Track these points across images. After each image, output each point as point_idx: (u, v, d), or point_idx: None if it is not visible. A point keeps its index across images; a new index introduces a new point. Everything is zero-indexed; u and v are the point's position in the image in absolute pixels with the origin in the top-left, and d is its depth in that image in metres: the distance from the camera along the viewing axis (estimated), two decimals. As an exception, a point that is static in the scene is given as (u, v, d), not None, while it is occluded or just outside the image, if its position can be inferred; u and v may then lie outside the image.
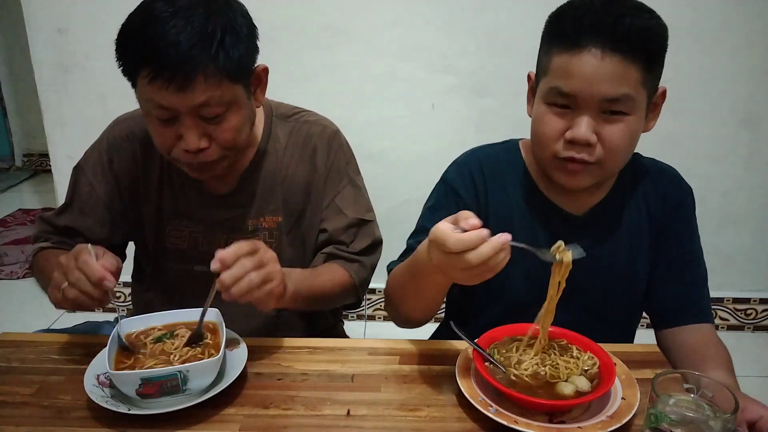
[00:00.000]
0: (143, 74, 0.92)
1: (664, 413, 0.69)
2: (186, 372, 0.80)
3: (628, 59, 0.88)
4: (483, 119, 2.08)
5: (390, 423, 0.82)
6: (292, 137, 1.17)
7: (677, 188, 1.09)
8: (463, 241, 0.76)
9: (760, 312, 2.37)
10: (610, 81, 0.88)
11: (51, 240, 1.16)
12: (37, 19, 2.07)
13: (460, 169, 1.09)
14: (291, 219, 1.17)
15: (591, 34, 0.88)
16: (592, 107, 0.90)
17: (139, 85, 0.95)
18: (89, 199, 1.16)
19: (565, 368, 0.85)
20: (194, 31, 0.90)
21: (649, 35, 0.91)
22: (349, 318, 2.39)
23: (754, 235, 2.27)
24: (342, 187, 1.18)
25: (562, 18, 0.95)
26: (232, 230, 1.15)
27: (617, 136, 0.92)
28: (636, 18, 0.89)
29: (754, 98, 2.10)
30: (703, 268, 1.09)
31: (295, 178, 1.16)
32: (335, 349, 0.99)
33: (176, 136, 0.97)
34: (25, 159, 4.37)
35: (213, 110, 0.96)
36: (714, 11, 1.99)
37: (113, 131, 1.18)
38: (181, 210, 1.16)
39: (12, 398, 0.86)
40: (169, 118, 0.96)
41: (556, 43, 0.93)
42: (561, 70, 0.91)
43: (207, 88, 0.93)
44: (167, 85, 0.91)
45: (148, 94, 0.94)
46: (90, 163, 1.17)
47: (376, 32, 2.06)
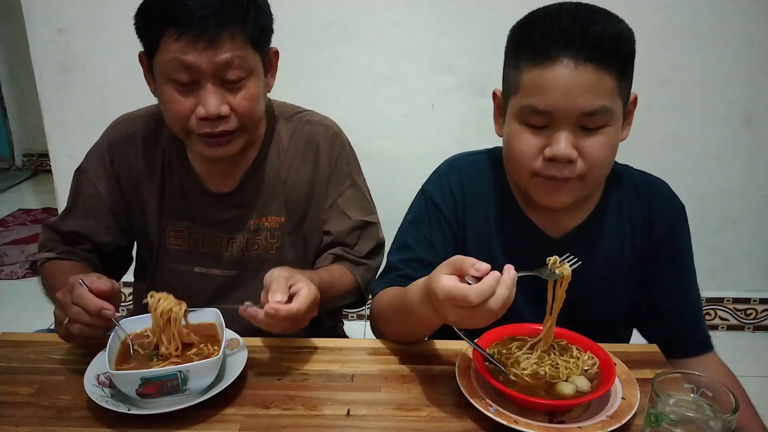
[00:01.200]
0: (169, 33, 0.93)
1: (664, 413, 0.69)
2: (186, 372, 0.80)
3: (603, 68, 0.85)
4: (483, 119, 2.05)
5: (390, 423, 0.82)
6: (294, 137, 1.16)
7: (667, 208, 1.04)
8: (485, 292, 0.74)
9: (760, 312, 2.37)
10: (587, 93, 0.85)
11: (56, 250, 1.15)
12: (37, 19, 2.06)
13: (441, 181, 1.07)
14: (293, 219, 1.17)
15: (562, 44, 0.85)
16: (570, 122, 0.87)
17: (162, 48, 0.95)
18: (93, 201, 1.16)
19: (565, 368, 0.85)
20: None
21: (621, 40, 0.88)
22: (349, 318, 2.40)
23: (754, 235, 2.27)
24: (345, 188, 1.18)
25: (529, 30, 0.91)
26: (234, 230, 1.15)
27: (598, 149, 0.88)
28: (606, 24, 0.87)
29: (754, 98, 2.10)
30: (697, 289, 1.05)
31: (298, 178, 1.16)
32: (335, 349, 0.99)
33: (194, 104, 0.98)
34: (25, 159, 4.37)
35: (236, 73, 0.97)
36: (714, 11, 1.98)
37: (114, 132, 1.17)
38: (182, 210, 1.15)
39: (12, 398, 0.86)
40: (190, 82, 0.96)
41: (526, 57, 0.89)
42: (534, 86, 0.88)
43: (233, 47, 0.95)
44: (194, 41, 0.93)
45: (172, 54, 0.95)
46: (92, 165, 1.17)
47: (376, 32, 2.06)
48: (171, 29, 0.93)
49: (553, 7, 0.91)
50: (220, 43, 0.94)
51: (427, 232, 1.05)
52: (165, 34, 0.94)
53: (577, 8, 0.89)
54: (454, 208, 1.04)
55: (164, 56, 0.96)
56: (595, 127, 0.87)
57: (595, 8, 0.90)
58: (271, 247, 1.16)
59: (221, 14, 0.93)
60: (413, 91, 2.11)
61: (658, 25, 1.96)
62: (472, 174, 1.05)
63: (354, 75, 2.10)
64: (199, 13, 0.92)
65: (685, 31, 1.99)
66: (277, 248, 1.16)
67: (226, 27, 0.94)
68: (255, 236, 1.15)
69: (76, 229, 1.16)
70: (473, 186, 1.05)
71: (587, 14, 0.88)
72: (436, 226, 1.04)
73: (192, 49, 0.93)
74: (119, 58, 2.00)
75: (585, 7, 0.89)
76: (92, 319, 0.86)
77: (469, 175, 1.05)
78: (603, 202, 1.02)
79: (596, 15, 0.88)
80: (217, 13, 0.93)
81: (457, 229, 1.05)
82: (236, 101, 0.99)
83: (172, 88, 0.98)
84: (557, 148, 0.87)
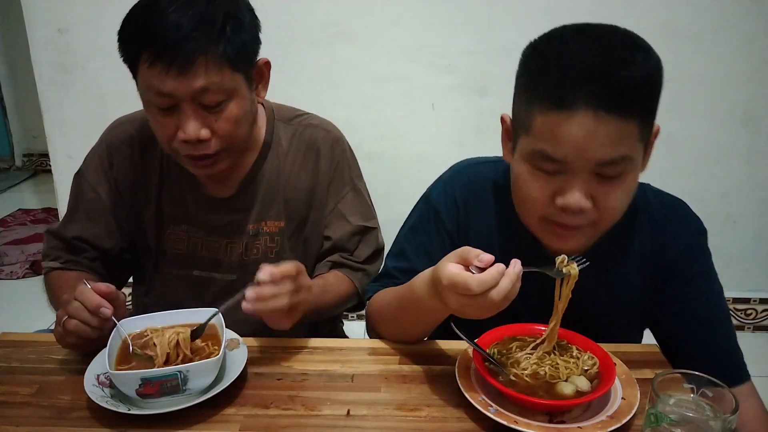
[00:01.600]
0: (144, 59, 0.92)
1: (664, 413, 0.69)
2: (186, 372, 0.80)
3: (626, 117, 0.77)
4: (483, 119, 2.08)
5: (390, 423, 0.82)
6: (294, 141, 1.16)
7: (680, 232, 0.97)
8: (487, 282, 0.74)
9: (760, 312, 2.37)
10: (606, 145, 0.78)
11: (61, 259, 1.15)
12: (37, 19, 2.06)
13: (446, 191, 1.03)
14: (293, 224, 1.16)
15: (581, 93, 0.76)
16: (586, 170, 0.80)
17: (140, 72, 0.94)
18: (94, 205, 1.15)
19: (565, 368, 0.85)
20: (195, 15, 0.91)
21: (648, 84, 0.79)
22: (349, 318, 2.39)
23: (754, 235, 2.27)
24: (345, 193, 1.17)
25: (543, 69, 0.81)
26: (233, 235, 1.14)
27: (614, 197, 0.83)
28: (632, 66, 0.76)
29: (754, 98, 2.09)
30: (724, 316, 0.97)
31: (298, 182, 1.15)
32: (335, 349, 0.99)
33: (176, 126, 0.97)
34: (25, 159, 4.37)
35: (213, 97, 0.95)
36: (714, 11, 1.98)
37: (111, 135, 1.17)
38: (180, 214, 1.15)
39: (12, 398, 0.86)
40: (169, 106, 0.95)
41: (539, 99, 0.80)
42: (547, 132, 0.80)
43: (208, 72, 0.92)
44: (167, 69, 0.91)
45: (148, 81, 0.93)
46: (91, 169, 1.16)
47: (376, 32, 2.06)
48: (145, 54, 0.92)
49: (570, 35, 0.81)
50: (194, 70, 0.91)
51: (426, 241, 1.03)
52: (140, 59, 0.93)
53: (598, 41, 0.79)
54: (456, 219, 1.02)
55: (142, 81, 0.96)
56: (613, 175, 0.81)
57: (618, 39, 0.79)
58: (271, 251, 1.16)
59: (194, 39, 0.90)
60: (413, 91, 2.11)
61: (658, 25, 1.96)
62: (477, 184, 1.01)
63: (354, 75, 2.10)
64: (171, 38, 0.90)
65: (686, 31, 1.99)
66: (276, 253, 1.16)
67: (199, 52, 0.91)
68: (254, 240, 1.15)
69: (79, 235, 1.15)
70: (478, 197, 1.01)
71: (610, 51, 0.77)
72: (436, 236, 1.03)
73: (166, 77, 0.91)
74: (119, 58, 1.99)
75: (607, 40, 0.79)
76: (90, 316, 0.86)
77: (474, 184, 1.02)
78: (614, 228, 0.93)
79: (621, 51, 0.78)
80: (189, 38, 0.90)
81: (457, 239, 1.02)
82: (217, 124, 0.97)
83: (155, 109, 0.97)
84: (570, 199, 0.81)
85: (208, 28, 0.92)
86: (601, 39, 0.80)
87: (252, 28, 1.00)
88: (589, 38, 0.80)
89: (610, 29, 0.81)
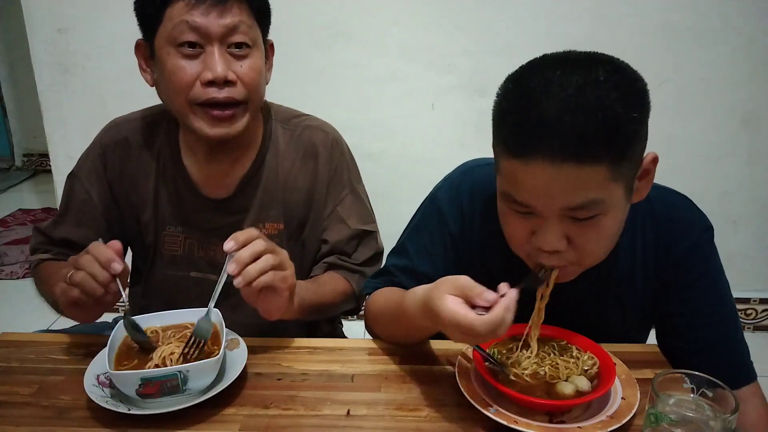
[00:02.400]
0: (182, 2, 0.95)
1: (664, 413, 0.69)
2: (186, 372, 0.80)
3: (588, 164, 0.72)
4: (483, 119, 2.04)
5: (390, 423, 0.82)
6: (293, 143, 1.15)
7: (683, 231, 0.94)
8: (494, 324, 0.73)
9: (760, 312, 2.38)
10: (569, 191, 0.74)
11: (51, 252, 1.15)
12: (37, 19, 2.07)
13: (452, 193, 1.02)
14: (292, 226, 1.16)
15: (536, 142, 0.72)
16: (554, 214, 0.77)
17: (168, 16, 0.97)
18: (85, 207, 1.14)
19: (565, 368, 0.85)
20: None
21: (614, 131, 0.72)
22: (348, 318, 2.39)
23: (754, 235, 2.27)
24: (344, 196, 1.16)
25: (506, 109, 0.78)
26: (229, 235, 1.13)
27: (591, 240, 0.79)
28: (594, 112, 0.70)
29: (754, 98, 2.10)
30: (731, 315, 0.95)
31: (297, 184, 1.14)
32: (335, 349, 0.99)
33: (199, 71, 0.98)
34: (25, 159, 4.38)
35: (242, 37, 0.99)
36: (714, 11, 1.98)
37: (106, 136, 1.16)
38: (177, 215, 1.14)
39: (12, 398, 0.86)
40: (196, 46, 0.97)
41: (501, 142, 0.78)
42: (510, 177, 0.78)
43: (240, 12, 0.98)
44: (208, 8, 0.95)
45: (180, 18, 0.96)
46: (84, 170, 1.15)
47: (376, 32, 2.06)
48: (181, 1, 0.95)
49: (539, 75, 0.75)
50: (228, 7, 0.97)
51: (428, 242, 1.02)
52: (173, 4, 0.96)
53: (566, 82, 0.72)
54: (461, 223, 1.00)
55: (171, 22, 0.97)
56: (585, 217, 0.77)
57: (591, 79, 0.72)
58: None
59: None
60: (413, 91, 2.11)
61: (658, 25, 1.97)
62: (485, 187, 0.98)
63: (354, 75, 2.10)
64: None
65: (686, 31, 1.99)
66: None
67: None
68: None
69: (67, 237, 1.15)
70: (484, 200, 0.99)
71: (574, 95, 0.71)
72: (438, 238, 1.02)
73: (201, 11, 0.96)
74: (119, 58, 1.98)
75: (577, 80, 0.72)
76: (100, 270, 0.84)
77: (481, 187, 0.99)
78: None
79: (587, 94, 0.71)
80: None
81: (460, 243, 1.01)
82: (242, 70, 1.00)
83: (177, 55, 0.98)
84: (543, 241, 0.79)
85: None
86: (570, 79, 0.72)
87: (268, 2, 1.06)
88: (555, 79, 0.73)
89: (588, 65, 0.74)
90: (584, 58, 0.77)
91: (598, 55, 0.78)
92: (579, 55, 0.78)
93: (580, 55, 0.78)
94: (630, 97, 0.74)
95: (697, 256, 0.94)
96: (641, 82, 0.77)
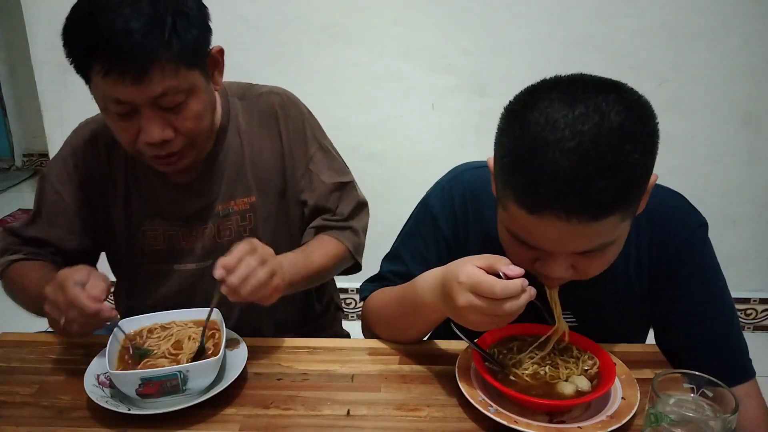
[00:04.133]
0: (96, 69, 0.89)
1: (664, 413, 0.69)
2: (186, 372, 0.80)
3: (604, 217, 0.71)
4: (483, 119, 2.08)
5: (390, 423, 0.82)
6: (250, 114, 1.14)
7: (677, 228, 0.93)
8: (511, 290, 0.74)
9: (760, 312, 2.37)
10: (582, 239, 0.74)
11: (22, 252, 1.13)
12: (37, 19, 2.07)
13: (444, 197, 1.01)
14: (269, 197, 1.14)
15: (552, 204, 0.70)
16: (563, 254, 0.78)
17: (93, 80, 0.92)
18: (56, 207, 1.13)
19: (565, 368, 0.85)
20: (144, 18, 0.87)
21: (630, 182, 0.71)
22: (349, 318, 2.40)
23: (754, 235, 2.27)
24: (313, 152, 1.15)
25: (516, 163, 0.73)
26: (204, 220, 1.12)
27: (596, 266, 0.80)
28: (612, 173, 0.69)
29: (754, 98, 2.09)
30: (729, 312, 0.94)
31: (263, 155, 1.13)
32: (335, 349, 0.99)
33: (137, 129, 0.95)
34: (25, 159, 4.38)
35: (172, 99, 0.93)
36: (714, 11, 1.98)
37: (75, 138, 1.15)
38: (151, 208, 1.13)
39: (12, 398, 0.86)
40: (128, 111, 0.93)
41: (512, 190, 0.74)
42: (520, 223, 0.76)
43: (164, 77, 0.90)
44: (122, 78, 0.88)
45: (103, 90, 0.91)
46: (54, 172, 1.14)
47: (376, 32, 2.06)
48: (98, 64, 0.88)
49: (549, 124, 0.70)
50: (150, 77, 0.89)
51: (421, 246, 1.03)
52: (94, 68, 0.89)
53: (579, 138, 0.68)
54: (454, 227, 1.00)
55: (97, 89, 0.93)
56: (594, 253, 0.77)
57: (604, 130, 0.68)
58: (244, 229, 1.13)
59: (146, 45, 0.87)
60: (413, 91, 2.11)
61: (658, 25, 1.96)
62: (477, 189, 0.98)
63: (354, 75, 2.10)
64: (124, 47, 0.86)
65: (686, 31, 1.99)
66: (249, 230, 1.14)
67: (153, 59, 0.88)
68: (225, 221, 1.12)
69: (37, 236, 1.13)
70: (477, 203, 0.99)
71: (589, 155, 0.68)
72: (432, 242, 1.02)
73: (121, 85, 0.89)
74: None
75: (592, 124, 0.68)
76: (91, 320, 0.85)
77: (473, 190, 0.99)
78: None
79: (602, 152, 0.68)
80: (142, 45, 0.87)
81: (455, 247, 1.01)
82: (179, 122, 0.95)
83: (114, 116, 0.95)
84: (548, 271, 0.79)
85: (159, 31, 0.88)
86: (582, 129, 0.68)
87: (200, 18, 0.95)
88: (566, 125, 0.69)
89: (599, 106, 0.70)
90: (592, 93, 0.71)
91: (606, 90, 0.72)
92: (586, 89, 0.72)
93: (587, 89, 0.72)
94: (643, 144, 0.72)
95: (691, 252, 0.93)
96: (652, 120, 0.74)
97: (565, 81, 0.76)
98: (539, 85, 0.77)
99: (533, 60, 2.00)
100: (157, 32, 0.88)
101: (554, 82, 0.76)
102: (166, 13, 0.89)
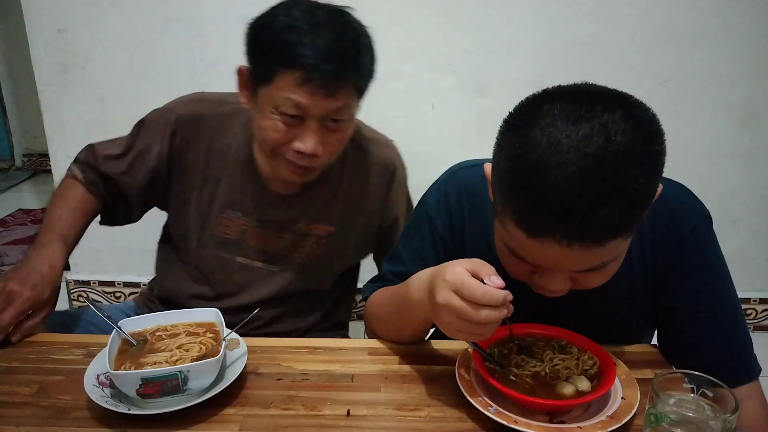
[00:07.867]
0: (293, 75, 0.96)
1: (664, 413, 0.69)
2: (186, 372, 0.80)
3: (606, 241, 0.70)
4: (483, 119, 2.08)
5: (390, 423, 0.82)
6: (357, 153, 1.20)
7: (679, 220, 0.91)
8: (492, 296, 0.73)
9: (760, 312, 2.37)
10: (583, 262, 0.73)
11: (87, 175, 1.19)
12: (37, 19, 2.06)
13: (439, 195, 1.01)
14: (343, 230, 1.21)
15: (551, 226, 0.69)
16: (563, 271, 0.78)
17: (278, 83, 0.98)
18: (141, 156, 1.18)
19: (565, 368, 0.85)
20: (343, 41, 0.98)
21: (634, 206, 0.69)
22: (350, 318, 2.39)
23: (754, 235, 2.27)
24: (401, 221, 1.26)
25: (516, 184, 0.70)
26: (283, 230, 1.18)
27: (598, 281, 0.80)
28: (617, 199, 0.67)
29: (754, 98, 2.10)
30: (733, 309, 0.91)
31: (353, 195, 1.20)
32: (335, 349, 0.99)
33: (293, 135, 1.01)
34: (25, 159, 4.37)
35: (341, 115, 1.01)
36: (714, 11, 1.98)
37: (183, 108, 1.19)
38: (236, 202, 1.17)
39: (12, 398, 0.86)
40: (296, 115, 0.99)
41: (510, 211, 0.72)
42: (518, 243, 0.75)
43: (345, 96, 1.00)
44: (316, 90, 0.97)
45: (286, 93, 0.98)
46: (155, 125, 1.18)
47: (376, 32, 2.04)
48: (296, 72, 0.96)
49: (553, 149, 0.67)
50: (338, 93, 0.98)
51: (420, 247, 1.03)
52: (285, 73, 0.97)
53: (582, 151, 0.66)
54: (450, 226, 1.00)
55: (278, 92, 0.99)
56: (594, 269, 0.77)
57: (609, 153, 0.66)
58: (314, 253, 1.20)
59: (342, 70, 0.98)
60: (413, 91, 2.11)
61: (658, 25, 1.96)
62: (472, 188, 0.98)
63: (354, 75, 2.09)
64: (323, 68, 0.95)
65: (686, 31, 1.99)
66: (318, 255, 1.20)
67: (345, 80, 0.99)
68: (303, 239, 1.18)
69: (112, 176, 1.19)
70: (474, 201, 0.98)
71: (594, 179, 0.66)
72: (429, 242, 1.02)
73: (308, 91, 0.97)
74: (119, 58, 2.00)
75: (596, 146, 0.66)
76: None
77: (469, 188, 0.99)
78: None
79: (607, 177, 0.66)
80: (339, 69, 0.97)
81: (452, 246, 1.01)
82: (330, 141, 1.04)
83: (277, 119, 1.01)
84: (547, 285, 0.79)
85: (352, 57, 0.99)
86: (586, 152, 0.66)
87: (374, 54, 1.07)
88: (568, 147, 0.66)
89: (604, 124, 0.67)
90: (597, 110, 0.68)
91: (613, 106, 0.69)
92: (591, 104, 0.69)
93: (592, 104, 0.69)
94: (650, 166, 0.70)
95: (695, 245, 0.90)
96: (660, 138, 0.72)
97: (570, 93, 0.72)
98: (541, 97, 0.74)
99: (533, 60, 2.01)
100: (349, 57, 0.99)
101: (557, 93, 0.73)
102: (361, 43, 1.02)
